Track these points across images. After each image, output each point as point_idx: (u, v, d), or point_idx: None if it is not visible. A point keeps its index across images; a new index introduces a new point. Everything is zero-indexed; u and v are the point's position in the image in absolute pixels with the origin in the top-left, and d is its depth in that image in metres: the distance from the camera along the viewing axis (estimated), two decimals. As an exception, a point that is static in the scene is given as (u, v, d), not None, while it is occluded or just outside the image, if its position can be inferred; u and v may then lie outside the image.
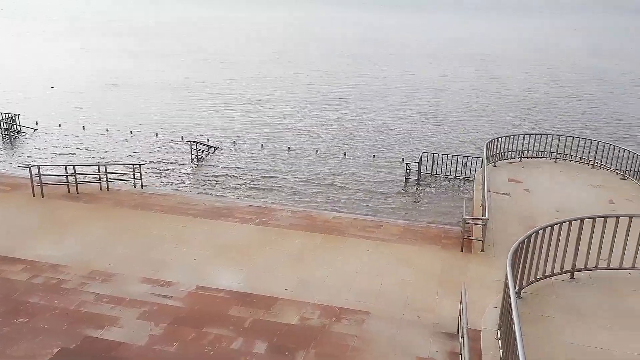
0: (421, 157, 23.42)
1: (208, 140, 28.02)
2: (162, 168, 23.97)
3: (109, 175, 16.99)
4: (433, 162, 23.67)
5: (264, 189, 21.75)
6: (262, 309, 9.51)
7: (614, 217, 9.06)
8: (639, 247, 9.13)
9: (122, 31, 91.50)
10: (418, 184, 22.72)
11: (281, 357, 8.16)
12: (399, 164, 25.03)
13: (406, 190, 22.19)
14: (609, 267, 9.25)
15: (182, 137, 28.62)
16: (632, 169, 17.02)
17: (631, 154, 17.12)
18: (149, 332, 8.80)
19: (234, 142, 28.22)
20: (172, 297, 9.99)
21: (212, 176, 23.10)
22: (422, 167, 23.32)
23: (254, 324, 9.07)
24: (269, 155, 26.35)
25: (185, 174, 23.47)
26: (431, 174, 23.53)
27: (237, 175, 23.15)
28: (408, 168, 23.09)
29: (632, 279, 9.21)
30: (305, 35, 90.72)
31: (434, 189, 22.30)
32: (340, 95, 43.43)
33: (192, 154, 25.04)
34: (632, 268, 9.26)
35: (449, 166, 23.33)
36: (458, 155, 23.64)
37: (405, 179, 23.03)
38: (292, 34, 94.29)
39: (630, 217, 9.15)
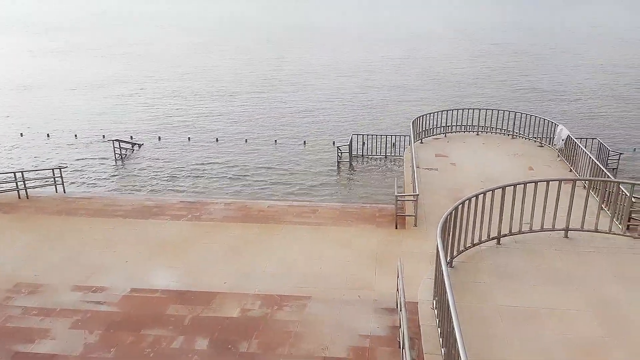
0: (351, 139, 23.70)
1: (131, 137, 27.00)
2: (85, 170, 22.92)
3: (27, 183, 16.02)
4: (363, 143, 24.04)
5: (195, 183, 21.29)
6: (201, 305, 9.35)
7: (533, 182, 9.55)
8: (557, 209, 9.68)
9: (41, 29, 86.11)
10: (350, 166, 23.02)
11: (224, 351, 8.07)
12: (330, 147, 25.21)
13: (339, 173, 22.42)
14: (531, 230, 9.76)
15: (104, 136, 27.43)
16: (547, 137, 18.01)
17: (546, 122, 18.12)
18: (84, 341, 8.46)
19: (159, 137, 27.37)
20: (105, 302, 9.62)
21: (139, 174, 22.34)
22: (352, 149, 23.61)
23: (194, 321, 8.91)
24: (198, 148, 25.79)
25: (110, 174, 22.56)
26: (362, 155, 23.89)
27: (166, 172, 22.52)
28: (339, 151, 23.31)
29: (553, 239, 9.77)
30: (235, 25, 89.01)
31: (366, 169, 22.67)
32: (267, 82, 43.07)
33: (115, 153, 24.08)
34: (552, 229, 9.81)
35: (379, 146, 23.77)
36: (387, 135, 24.13)
37: (337, 162, 23.26)
38: (223, 25, 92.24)
39: (548, 181, 9.68)
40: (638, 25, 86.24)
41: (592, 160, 13.88)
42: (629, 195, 10.36)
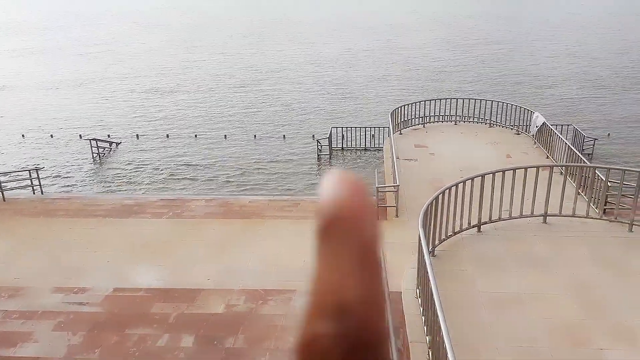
0: (331, 132, 23.71)
1: (109, 136, 26.63)
2: (62, 171, 22.57)
3: (3, 185, 15.74)
4: (343, 136, 24.07)
5: (175, 180, 21.13)
6: (185, 303, 9.32)
7: (511, 169, 9.70)
8: (535, 195, 9.85)
9: (13, 29, 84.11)
10: (330, 158, 23.05)
11: (210, 347, 8.08)
12: (309, 141, 25.20)
13: (319, 167, 22.45)
14: (511, 217, 9.92)
15: (80, 135, 27.01)
16: (524, 124, 18.26)
17: (522, 110, 18.38)
18: (67, 342, 8.38)
19: (137, 135, 27.05)
20: (88, 303, 9.54)
21: (118, 173, 22.09)
22: (332, 142, 23.64)
23: (179, 318, 8.88)
24: (177, 145, 25.56)
25: (88, 174, 22.27)
26: (342, 148, 23.93)
27: (145, 169, 22.30)
28: (319, 144, 23.33)
29: (532, 225, 9.94)
30: (213, 21, 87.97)
31: (346, 162, 22.73)
32: (246, 77, 42.77)
33: (93, 153, 23.75)
34: (531, 215, 9.99)
35: (358, 138, 23.84)
36: (366, 127, 24.20)
37: (318, 155, 23.28)
38: (201, 20, 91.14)
39: (525, 168, 9.84)
40: (612, 11, 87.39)
41: (568, 146, 14.13)
42: (604, 179, 10.59)
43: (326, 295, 0.32)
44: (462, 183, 9.19)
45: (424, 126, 19.44)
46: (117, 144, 25.65)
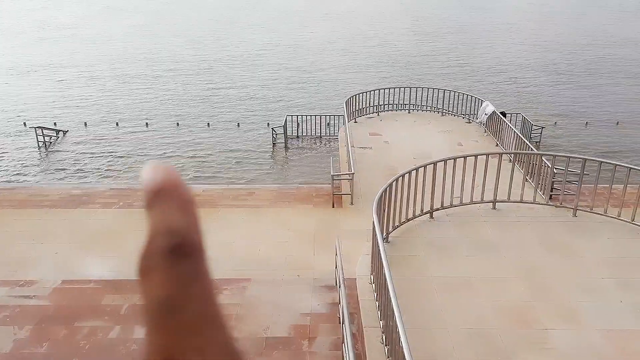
0: (286, 120, 23.58)
1: (55, 124, 25.61)
2: (6, 160, 21.61)
3: (-61, 175, 14.95)
4: (298, 124, 23.98)
5: (125, 169, 20.56)
6: (137, 294, 9.09)
7: (462, 157, 9.92)
8: (484, 182, 10.12)
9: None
10: (286, 147, 22.95)
11: (164, 338, 7.94)
12: (264, 129, 25.01)
13: (274, 155, 22.33)
14: (462, 203, 10.17)
15: (25, 123, 25.89)
16: (475, 113, 18.70)
17: (473, 99, 18.81)
18: (13, 337, 8.06)
19: (85, 123, 26.15)
20: (35, 296, 9.20)
21: (65, 162, 21.31)
22: (287, 130, 23.53)
23: (131, 309, 8.68)
24: (127, 133, 24.85)
25: (33, 163, 21.39)
26: (297, 136, 23.86)
27: (94, 158, 21.60)
28: (274, 132, 23.18)
29: (482, 211, 10.23)
30: (179, 6, 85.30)
31: (302, 150, 22.69)
32: (205, 64, 41.84)
33: (38, 141, 22.80)
34: (481, 201, 10.27)
35: (313, 126, 23.81)
36: (321, 115, 24.18)
37: (273, 143, 23.13)
38: (167, 5, 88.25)
39: (475, 155, 10.09)
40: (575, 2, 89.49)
41: (517, 134, 14.57)
42: (550, 166, 10.98)
43: (159, 224, 0.44)
44: (414, 170, 9.34)
45: (378, 114, 19.62)
46: (64, 132, 24.73)
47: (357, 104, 19.17)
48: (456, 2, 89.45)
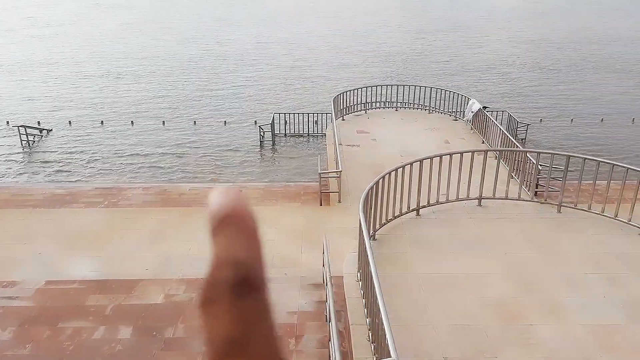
0: (273, 118, 23.51)
1: (39, 123, 25.30)
2: (-11, 159, 21.31)
3: None
4: (285, 122, 23.91)
5: (110, 168, 20.35)
6: (122, 294, 9.04)
7: (447, 154, 9.95)
8: (470, 179, 10.16)
9: None
10: (273, 145, 22.88)
11: (148, 338, 7.88)
12: (252, 127, 24.91)
13: (262, 153, 22.25)
14: (448, 201, 10.20)
15: (8, 122, 25.54)
16: (461, 111, 18.78)
17: (460, 97, 18.89)
18: (-5, 339, 7.95)
19: (70, 121, 25.86)
20: (18, 297, 9.08)
21: (49, 161, 21.05)
22: (275, 128, 23.46)
23: (116, 310, 8.61)
24: (112, 131, 24.60)
25: (16, 162, 21.11)
26: (285, 135, 23.80)
27: (78, 157, 21.36)
28: (261, 130, 23.08)
29: (468, 208, 10.27)
30: (171, 5, 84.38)
31: (289, 148, 22.63)
32: (193, 62, 41.51)
33: (21, 140, 22.51)
34: (467, 198, 10.31)
35: (301, 124, 23.76)
36: (309, 113, 24.13)
37: (260, 141, 23.04)
38: (152, 2, 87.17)
39: (461, 153, 10.12)
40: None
41: (502, 131, 14.65)
42: (535, 163, 11.05)
43: (224, 253, 0.44)
44: (401, 168, 9.35)
45: (365, 112, 19.63)
46: (48, 131, 24.45)
47: (345, 101, 19.18)
48: (447, 1, 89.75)
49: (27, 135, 22.62)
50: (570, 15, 70.01)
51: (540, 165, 11.26)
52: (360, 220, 7.63)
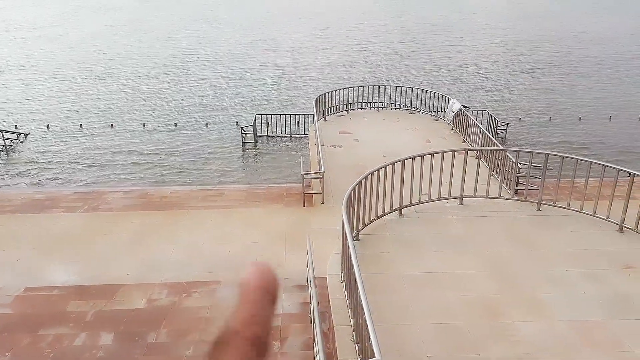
0: (255, 120, 23.41)
1: (16, 127, 24.90)
2: (-36, 164, 20.88)
3: None
4: (268, 123, 23.85)
5: (89, 172, 20.07)
6: (104, 300, 8.92)
7: (429, 154, 10.01)
8: (451, 178, 10.24)
9: None
10: (255, 146, 22.78)
11: (131, 344, 7.79)
12: (233, 128, 24.79)
13: (244, 155, 22.15)
14: (430, 200, 10.26)
15: (-16, 126, 25.04)
16: (442, 111, 18.92)
17: (441, 97, 19.03)
18: (-27, 348, 7.79)
19: (48, 125, 25.46)
20: (-4, 305, 8.91)
21: (27, 166, 20.69)
22: (257, 130, 23.37)
23: (97, 315, 8.49)
24: (91, 135, 24.26)
25: (-6, 167, 20.72)
26: (267, 136, 23.73)
27: (57, 161, 21.03)
28: (243, 132, 22.98)
29: (450, 207, 10.34)
30: (157, 6, 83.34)
31: (272, 149, 22.56)
32: (176, 64, 41.12)
33: (-2, 145, 22.11)
34: (449, 197, 10.39)
35: (283, 126, 23.70)
36: (291, 114, 24.08)
37: (242, 143, 22.93)
38: (138, 2, 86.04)
39: (442, 152, 10.19)
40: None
41: (482, 131, 14.79)
42: (515, 162, 11.18)
43: (246, 321, 0.59)
44: (383, 168, 9.38)
45: (347, 113, 19.67)
46: (25, 135, 24.05)
47: (327, 102, 19.19)
48: (432, 1, 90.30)
49: (3, 140, 22.23)
50: (551, 16, 70.98)
51: (520, 163, 11.40)
52: (343, 220, 7.63)
